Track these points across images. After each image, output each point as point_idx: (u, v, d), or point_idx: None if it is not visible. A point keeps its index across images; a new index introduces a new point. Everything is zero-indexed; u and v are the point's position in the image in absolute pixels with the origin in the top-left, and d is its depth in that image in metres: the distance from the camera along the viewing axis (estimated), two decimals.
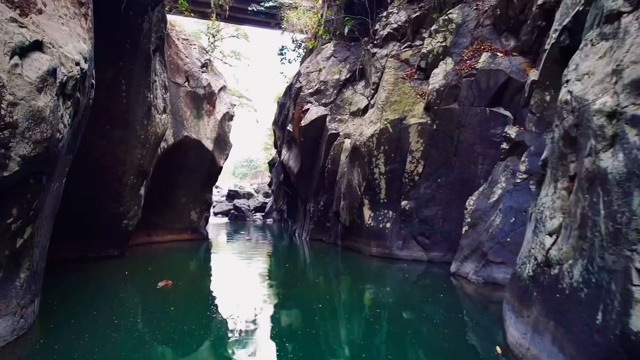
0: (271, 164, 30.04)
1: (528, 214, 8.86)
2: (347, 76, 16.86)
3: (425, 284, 9.62)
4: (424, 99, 12.39)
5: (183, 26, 21.36)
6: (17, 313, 5.10)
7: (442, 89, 11.76)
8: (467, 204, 10.28)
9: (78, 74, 5.24)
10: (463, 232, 10.06)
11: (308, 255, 14.37)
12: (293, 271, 10.99)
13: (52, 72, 4.71)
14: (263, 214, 31.79)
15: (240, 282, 9.42)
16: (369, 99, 15.72)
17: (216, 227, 25.15)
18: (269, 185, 32.54)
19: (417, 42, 14.39)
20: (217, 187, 49.64)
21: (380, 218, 12.61)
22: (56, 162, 5.22)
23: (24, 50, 4.44)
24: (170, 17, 17.56)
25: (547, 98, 9.14)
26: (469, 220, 10.01)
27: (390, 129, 12.43)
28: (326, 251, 14.57)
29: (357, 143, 13.17)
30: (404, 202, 12.18)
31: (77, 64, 5.24)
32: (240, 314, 6.77)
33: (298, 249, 15.93)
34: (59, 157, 5.24)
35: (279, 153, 21.95)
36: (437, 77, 12.04)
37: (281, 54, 27.27)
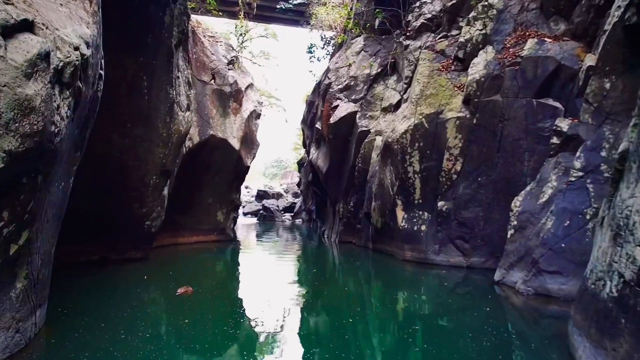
0: (300, 163, 29.39)
1: (587, 217, 7.82)
2: (378, 71, 15.95)
3: (466, 293, 8.64)
4: (463, 91, 11.36)
5: (213, 27, 21.00)
6: (12, 327, 4.53)
7: (482, 79, 10.71)
8: (512, 205, 9.22)
9: (78, 60, 4.62)
10: (508, 236, 9.01)
11: (337, 258, 13.57)
12: (321, 277, 10.21)
13: (45, 56, 4.10)
14: (292, 214, 31.21)
15: (265, 288, 8.72)
16: (402, 93, 14.78)
17: (245, 227, 24.71)
18: (298, 185, 31.93)
19: (454, 32, 13.35)
20: (247, 188, 49.58)
21: (414, 220, 11.65)
22: (54, 159, 4.62)
23: (8, 30, 3.83)
24: (199, 18, 17.18)
25: (607, 85, 8.03)
26: (515, 223, 8.95)
27: (426, 124, 11.46)
28: (356, 255, 13.72)
29: (390, 140, 12.26)
30: (440, 203, 11.18)
31: (77, 48, 4.62)
32: (262, 326, 6.05)
33: (327, 251, 15.15)
34: (57, 153, 4.64)
35: (308, 152, 21.26)
36: (477, 67, 10.99)
37: (310, 52, 26.63)
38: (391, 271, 10.96)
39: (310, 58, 26.69)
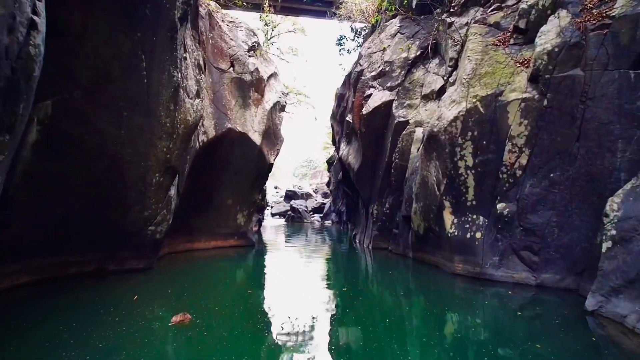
0: (329, 162, 27.33)
1: None
2: (417, 54, 13.66)
3: (540, 322, 6.26)
4: (527, 67, 8.99)
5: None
6: None
7: (556, 50, 8.31)
8: (607, 208, 6.79)
9: None
10: (604, 250, 6.59)
11: (372, 269, 11.39)
12: (354, 298, 8.07)
13: None
14: (321, 215, 29.15)
15: (285, 313, 6.67)
16: (446, 77, 12.46)
17: (271, 229, 22.87)
18: (327, 185, 29.89)
19: (509, 2, 10.95)
20: (276, 188, 47.94)
21: (467, 225, 9.35)
22: None
23: None
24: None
25: None
26: (613, 232, 6.53)
27: (481, 109, 9.14)
28: (394, 264, 11.50)
29: (435, 130, 9.99)
30: (500, 205, 8.85)
31: None
32: None
33: (359, 260, 12.98)
34: None
35: (337, 149, 19.15)
36: (548, 36, 8.59)
37: (339, 44, 24.59)
38: (438, 287, 8.69)
39: (340, 50, 24.72)
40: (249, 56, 13.60)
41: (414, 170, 11.86)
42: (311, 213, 29.87)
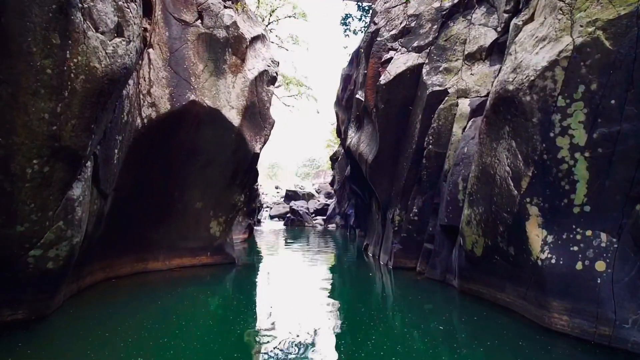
0: (333, 159, 23.07)
1: None
2: (455, 1, 9.39)
3: None
4: None
5: None
6: None
7: None
8: None
9: None
10: None
11: (396, 306, 7.09)
12: None
13: None
14: (324, 217, 24.86)
15: None
16: (500, 27, 8.20)
17: (267, 235, 18.62)
18: (331, 184, 25.63)
19: None
20: (277, 188, 43.67)
21: (574, 248, 5.06)
22: None
23: None
24: None
25: None
26: None
27: (606, 42, 4.84)
28: (430, 297, 7.24)
29: (511, 88, 5.70)
30: None
31: None
32: None
33: (375, 287, 8.67)
34: None
35: (344, 140, 14.86)
36: None
37: (344, 24, 20.43)
38: (524, 357, 4.38)
39: (345, 31, 20.48)
40: (225, 7, 9.38)
41: (459, 159, 7.57)
42: (313, 215, 25.59)
